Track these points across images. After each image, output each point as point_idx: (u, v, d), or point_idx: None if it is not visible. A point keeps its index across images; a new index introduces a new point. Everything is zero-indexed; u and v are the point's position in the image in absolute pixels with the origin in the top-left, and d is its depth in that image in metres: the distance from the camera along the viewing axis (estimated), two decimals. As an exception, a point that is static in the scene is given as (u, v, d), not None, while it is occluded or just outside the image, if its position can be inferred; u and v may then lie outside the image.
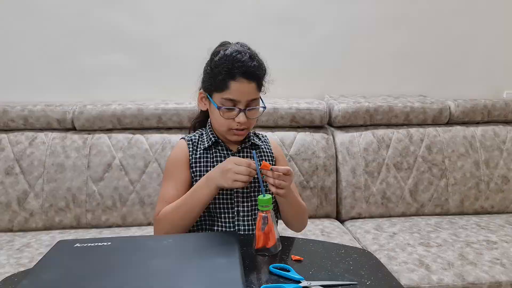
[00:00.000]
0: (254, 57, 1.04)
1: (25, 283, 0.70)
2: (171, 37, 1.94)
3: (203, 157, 1.09)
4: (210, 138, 1.11)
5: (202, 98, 1.11)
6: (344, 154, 1.81)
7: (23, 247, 1.45)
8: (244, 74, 1.01)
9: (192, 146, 1.11)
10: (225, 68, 1.01)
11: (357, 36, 2.05)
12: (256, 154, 1.02)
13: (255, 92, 1.04)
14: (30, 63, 1.90)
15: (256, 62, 1.03)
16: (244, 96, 1.02)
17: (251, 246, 0.92)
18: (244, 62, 1.01)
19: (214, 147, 1.11)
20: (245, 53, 1.03)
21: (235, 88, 1.01)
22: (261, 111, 1.08)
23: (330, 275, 0.81)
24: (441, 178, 1.82)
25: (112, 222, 1.68)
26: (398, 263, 1.34)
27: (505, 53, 2.14)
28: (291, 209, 1.09)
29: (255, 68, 1.03)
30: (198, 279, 0.71)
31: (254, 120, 1.08)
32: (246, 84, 1.02)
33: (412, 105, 1.88)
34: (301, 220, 1.16)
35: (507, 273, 1.29)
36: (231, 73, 1.01)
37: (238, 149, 1.12)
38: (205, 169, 1.07)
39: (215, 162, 1.08)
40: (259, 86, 1.06)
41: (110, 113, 1.73)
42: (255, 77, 1.03)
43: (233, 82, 1.01)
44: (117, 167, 1.68)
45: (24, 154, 1.67)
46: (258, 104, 1.07)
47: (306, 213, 1.16)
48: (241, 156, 1.11)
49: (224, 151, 1.10)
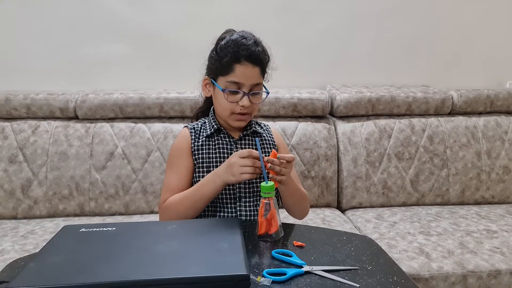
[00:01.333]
0: (259, 43, 1.07)
1: (31, 265, 0.71)
2: (173, 27, 1.93)
3: (205, 144, 1.10)
4: (212, 125, 1.12)
5: (207, 84, 1.13)
6: (346, 144, 1.81)
7: (28, 234, 1.47)
8: (249, 58, 1.03)
9: (195, 134, 1.12)
10: (230, 51, 1.03)
11: (360, 26, 2.04)
12: (259, 142, 1.03)
13: (259, 77, 1.06)
14: (32, 52, 1.90)
15: (260, 48, 1.06)
16: (249, 80, 1.04)
17: (253, 232, 0.94)
18: (249, 46, 1.04)
19: (217, 134, 1.12)
20: (250, 38, 1.05)
21: (240, 71, 1.03)
22: (264, 96, 1.09)
23: (332, 261, 0.82)
24: (442, 168, 1.82)
25: (115, 210, 1.69)
26: (399, 251, 1.35)
27: (509, 44, 2.13)
28: (292, 197, 1.10)
29: (259, 53, 1.05)
30: (202, 263, 0.72)
31: (257, 106, 1.09)
32: (250, 68, 1.04)
33: (415, 95, 1.88)
34: (303, 208, 1.17)
35: (507, 261, 1.30)
36: (236, 56, 1.03)
37: (240, 136, 1.12)
38: (207, 156, 1.09)
39: (217, 149, 1.09)
40: (263, 71, 1.08)
41: (112, 102, 1.73)
42: (260, 62, 1.05)
43: (238, 65, 1.03)
44: (120, 156, 1.69)
45: (28, 142, 1.68)
46: (262, 90, 1.08)
47: (307, 200, 1.17)
48: (243, 143, 1.12)
49: (226, 138, 1.11)
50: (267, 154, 1.13)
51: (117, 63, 1.94)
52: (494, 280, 1.27)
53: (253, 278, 0.73)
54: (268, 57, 1.10)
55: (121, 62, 1.94)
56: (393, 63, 2.09)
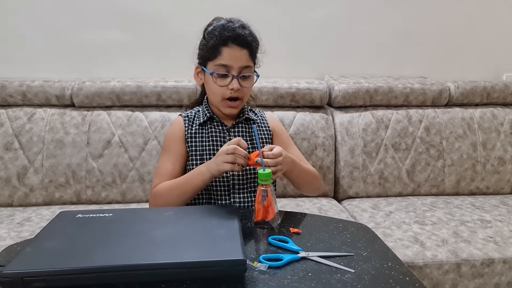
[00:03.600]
0: (246, 27, 1.07)
1: (27, 250, 0.71)
2: (172, 14, 1.91)
3: (198, 132, 1.11)
4: (205, 113, 1.12)
5: (198, 72, 1.13)
6: (343, 134, 1.81)
7: (24, 221, 1.47)
8: (236, 40, 1.04)
9: (188, 121, 1.12)
10: (217, 34, 1.04)
11: (358, 16, 2.03)
12: (256, 129, 1.03)
13: (247, 59, 1.06)
14: (28, 39, 1.87)
15: (247, 31, 1.06)
16: (237, 62, 1.04)
17: (250, 219, 0.94)
18: (235, 29, 1.04)
19: (210, 122, 1.12)
20: (236, 22, 1.06)
21: (227, 54, 1.04)
22: (254, 79, 1.09)
23: (328, 247, 0.83)
24: (438, 159, 1.83)
25: (112, 198, 1.69)
26: (394, 240, 1.36)
27: (506, 36, 2.13)
28: (299, 180, 1.11)
29: (246, 35, 1.05)
30: (199, 248, 0.73)
31: (248, 90, 1.09)
32: (238, 50, 1.04)
33: (412, 86, 1.88)
34: (313, 186, 1.17)
35: (500, 250, 1.31)
36: (223, 39, 1.03)
37: (233, 124, 1.13)
38: (200, 144, 1.09)
39: (210, 137, 1.10)
40: (252, 55, 1.08)
41: (109, 90, 1.72)
42: (247, 44, 1.05)
43: (225, 48, 1.04)
44: (117, 144, 1.69)
45: (23, 129, 1.67)
46: (252, 73, 1.08)
47: (316, 178, 1.17)
48: (236, 131, 1.12)
49: (219, 126, 1.12)
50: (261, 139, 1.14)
51: (114, 50, 1.92)
52: (487, 268, 1.29)
53: (249, 263, 0.74)
54: (257, 41, 1.10)
55: (118, 49, 1.92)
56: (391, 54, 2.09)
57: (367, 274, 0.73)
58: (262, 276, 0.71)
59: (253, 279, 0.70)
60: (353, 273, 0.73)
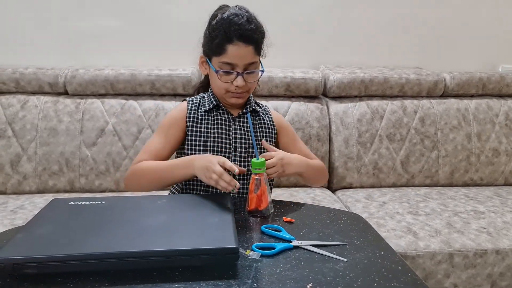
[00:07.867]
0: (252, 20, 1.03)
1: (19, 236, 0.71)
2: (165, 1, 1.89)
3: (204, 119, 1.09)
4: (211, 101, 1.11)
5: (203, 62, 1.11)
6: (338, 125, 1.81)
7: (17, 209, 1.46)
8: (241, 37, 1.00)
9: (192, 106, 1.10)
10: (222, 31, 1.01)
11: (354, 6, 2.01)
12: (251, 119, 1.02)
13: (252, 56, 1.04)
14: (21, 25, 1.84)
15: (253, 25, 1.03)
16: (242, 60, 1.02)
17: (243, 208, 0.94)
18: (241, 25, 1.00)
19: (216, 110, 1.10)
20: (242, 15, 1.02)
21: (232, 52, 1.01)
22: (260, 74, 1.08)
23: (321, 236, 0.83)
24: (433, 150, 1.84)
25: (106, 187, 1.68)
26: (387, 230, 1.37)
27: (502, 27, 2.13)
28: (309, 178, 1.14)
29: (252, 31, 1.02)
30: (191, 236, 0.73)
31: (253, 84, 1.08)
32: (243, 48, 1.01)
33: (408, 76, 1.87)
34: (321, 180, 1.21)
35: (493, 241, 1.32)
36: (228, 36, 1.00)
37: (239, 113, 1.11)
38: (205, 130, 1.07)
39: (215, 125, 1.08)
40: (257, 49, 1.05)
41: (103, 78, 1.71)
42: (252, 41, 1.02)
43: (230, 45, 1.01)
44: (110, 133, 1.67)
45: (16, 117, 1.65)
46: (257, 68, 1.07)
47: (323, 171, 1.20)
48: (241, 121, 1.11)
49: (225, 115, 1.10)
50: (266, 135, 1.12)
51: (108, 38, 1.90)
52: (480, 259, 1.30)
53: (242, 252, 0.74)
54: (263, 33, 1.07)
55: (112, 37, 1.90)
56: (387, 44, 2.08)
57: (360, 263, 0.73)
58: (254, 264, 0.71)
59: (246, 267, 0.70)
60: (346, 262, 0.73)
